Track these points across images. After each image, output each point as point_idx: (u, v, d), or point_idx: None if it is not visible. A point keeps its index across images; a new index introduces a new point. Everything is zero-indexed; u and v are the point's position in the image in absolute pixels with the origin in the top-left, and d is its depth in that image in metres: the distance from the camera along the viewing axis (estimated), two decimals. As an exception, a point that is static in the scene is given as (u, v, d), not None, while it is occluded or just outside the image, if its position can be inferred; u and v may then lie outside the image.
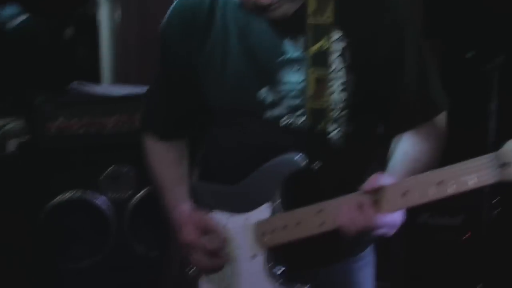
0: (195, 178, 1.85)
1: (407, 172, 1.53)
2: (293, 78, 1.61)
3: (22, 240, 2.64)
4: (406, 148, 1.63)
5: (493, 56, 3.26)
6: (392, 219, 1.46)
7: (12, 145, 2.94)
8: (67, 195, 2.66)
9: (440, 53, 3.76)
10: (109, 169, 2.73)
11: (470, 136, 3.40)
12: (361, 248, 1.79)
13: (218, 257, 1.70)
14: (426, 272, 3.28)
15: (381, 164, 1.65)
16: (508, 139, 1.32)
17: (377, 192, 1.46)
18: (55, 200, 2.64)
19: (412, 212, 1.52)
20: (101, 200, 2.71)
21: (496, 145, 1.32)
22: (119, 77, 3.43)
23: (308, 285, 1.61)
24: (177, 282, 1.86)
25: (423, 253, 3.27)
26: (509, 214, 3.41)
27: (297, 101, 1.61)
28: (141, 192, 2.72)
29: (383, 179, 1.46)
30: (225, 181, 1.72)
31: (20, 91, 2.88)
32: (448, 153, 1.63)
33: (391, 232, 1.49)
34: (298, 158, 1.59)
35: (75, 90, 2.89)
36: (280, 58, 1.61)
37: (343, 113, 1.61)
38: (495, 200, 3.38)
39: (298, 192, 1.63)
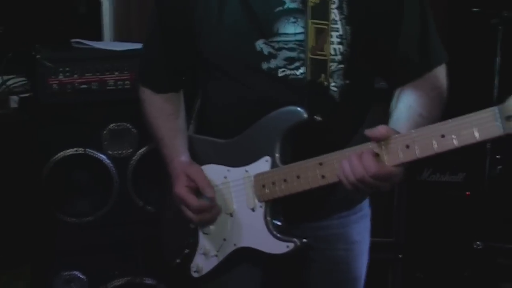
0: (192, 132, 1.82)
1: (411, 127, 1.50)
2: (290, 29, 1.57)
3: (25, 195, 2.61)
4: (410, 102, 1.59)
5: (499, 11, 3.18)
6: (392, 171, 1.42)
7: (14, 101, 2.90)
8: (69, 151, 2.63)
9: (445, 7, 3.68)
10: (111, 125, 2.68)
11: (476, 90, 3.34)
12: (358, 200, 1.77)
13: (205, 214, 1.69)
14: (427, 229, 3.26)
15: (381, 118, 1.61)
16: (512, 93, 1.29)
17: (380, 143, 1.42)
18: (57, 155, 2.61)
19: (414, 169, 1.49)
20: (103, 156, 2.67)
21: (501, 99, 1.29)
22: (120, 34, 3.36)
23: (305, 239, 1.59)
24: (175, 234, 1.83)
25: (426, 209, 3.25)
26: (509, 172, 3.37)
27: (294, 53, 1.58)
28: (144, 149, 2.69)
29: (388, 131, 1.42)
30: (223, 135, 1.70)
31: (21, 48, 2.82)
32: (453, 108, 1.58)
33: (391, 186, 1.46)
34: (299, 110, 1.56)
35: (76, 46, 2.83)
36: (278, 9, 1.57)
37: (342, 65, 1.58)
38: (497, 157, 3.33)
39: (298, 145, 1.60)
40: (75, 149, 2.67)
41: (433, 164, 3.24)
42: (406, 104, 1.59)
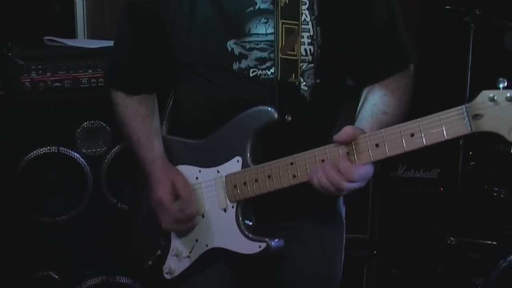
0: (164, 132, 1.80)
1: (376, 125, 1.50)
2: (261, 30, 1.56)
3: (-3, 195, 2.57)
4: (375, 100, 1.59)
5: (472, 9, 3.19)
6: (363, 171, 1.42)
7: (-15, 100, 2.84)
8: (43, 149, 2.59)
9: (417, 4, 3.68)
10: (85, 123, 2.65)
11: (448, 88, 3.36)
12: (330, 201, 1.76)
13: (184, 224, 1.68)
14: (402, 225, 3.28)
15: (351, 117, 1.61)
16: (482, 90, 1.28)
17: (349, 144, 1.42)
18: (30, 154, 2.57)
19: (389, 166, 1.48)
20: (77, 155, 2.64)
21: (473, 98, 1.29)
22: (94, 32, 3.32)
23: (277, 238, 1.57)
24: (148, 235, 1.81)
25: (400, 206, 3.26)
26: (481, 168, 3.40)
27: (265, 53, 1.57)
28: (117, 147, 2.66)
29: (355, 131, 1.42)
30: (195, 135, 1.69)
31: (-7, 45, 2.77)
32: (424, 106, 1.58)
33: (363, 184, 1.45)
34: (270, 110, 1.55)
35: (49, 44, 2.78)
36: (249, 9, 1.55)
37: (312, 65, 1.57)
38: (470, 154, 3.35)
39: (269, 145, 1.59)
40: (48, 147, 2.63)
41: (407, 160, 3.25)
42: (371, 102, 1.59)
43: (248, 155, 1.58)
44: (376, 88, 1.60)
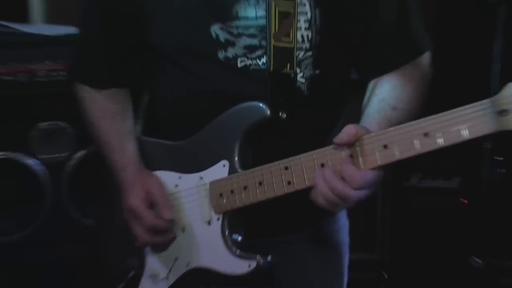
0: (138, 133, 1.84)
1: (384, 122, 1.53)
2: (251, 13, 1.60)
3: None
4: (383, 94, 1.62)
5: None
6: (370, 177, 1.44)
7: None
8: (-8, 156, 2.60)
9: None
10: (42, 124, 2.67)
11: (470, 81, 3.35)
12: (331, 213, 1.78)
13: (162, 235, 1.71)
14: (416, 243, 3.30)
15: (355, 114, 1.65)
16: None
17: (352, 146, 1.45)
18: (-22, 161, 2.58)
19: (401, 174, 1.52)
20: (32, 162, 2.65)
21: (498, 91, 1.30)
22: (52, 16, 3.34)
23: (269, 256, 1.61)
24: (119, 253, 1.85)
25: (414, 220, 3.28)
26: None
27: (255, 40, 1.61)
28: (82, 152, 2.68)
29: (359, 130, 1.44)
30: (174, 136, 1.73)
31: None
32: (442, 102, 1.62)
33: (368, 194, 1.47)
34: (261, 107, 1.59)
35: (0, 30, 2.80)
36: None
37: (310, 53, 1.61)
38: (498, 159, 3.33)
39: (260, 147, 1.64)
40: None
41: (422, 167, 3.26)
42: (378, 97, 1.62)
43: (236, 158, 1.62)
44: (384, 81, 1.64)
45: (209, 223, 1.66)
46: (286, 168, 1.54)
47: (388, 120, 1.53)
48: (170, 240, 1.72)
